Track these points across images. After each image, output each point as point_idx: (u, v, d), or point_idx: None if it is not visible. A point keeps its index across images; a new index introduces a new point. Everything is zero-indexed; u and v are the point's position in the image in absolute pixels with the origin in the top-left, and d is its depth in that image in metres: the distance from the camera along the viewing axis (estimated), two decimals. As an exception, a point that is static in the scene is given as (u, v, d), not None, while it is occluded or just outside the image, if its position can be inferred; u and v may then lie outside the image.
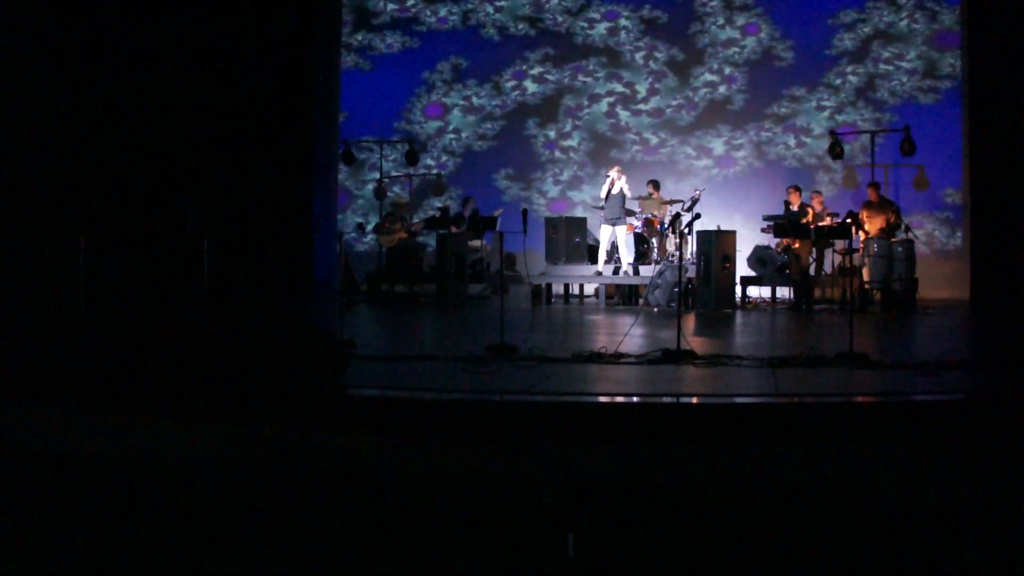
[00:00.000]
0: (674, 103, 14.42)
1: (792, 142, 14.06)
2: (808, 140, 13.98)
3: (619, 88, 14.64)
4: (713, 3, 14.30)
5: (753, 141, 14.16)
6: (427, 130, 15.08)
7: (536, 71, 14.86)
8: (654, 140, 14.48)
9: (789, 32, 14.08)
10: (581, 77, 14.73)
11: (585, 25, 14.72)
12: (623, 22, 14.61)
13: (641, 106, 14.55)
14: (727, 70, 14.27)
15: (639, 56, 14.58)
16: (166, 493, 3.93)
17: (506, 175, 14.88)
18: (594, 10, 14.70)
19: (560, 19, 14.79)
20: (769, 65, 14.12)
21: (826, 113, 13.89)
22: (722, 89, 14.27)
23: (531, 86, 14.87)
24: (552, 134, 14.81)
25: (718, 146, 14.27)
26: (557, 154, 14.80)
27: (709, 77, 14.34)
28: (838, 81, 13.86)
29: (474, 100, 15.03)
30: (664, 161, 14.29)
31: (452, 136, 15.04)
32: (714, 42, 14.30)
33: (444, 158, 15.04)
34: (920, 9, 13.66)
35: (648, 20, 14.52)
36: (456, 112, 15.05)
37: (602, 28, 14.67)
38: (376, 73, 15.23)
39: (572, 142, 14.80)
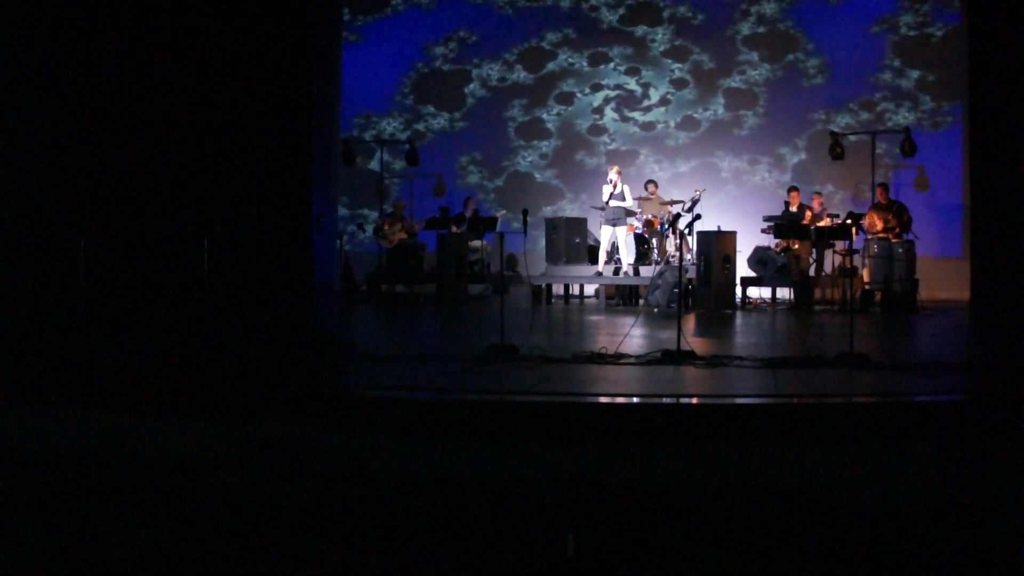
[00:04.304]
0: (676, 119, 14.24)
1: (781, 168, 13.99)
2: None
3: (631, 85, 14.42)
4: (749, 15, 14.04)
5: (738, 168, 14.03)
6: (420, 104, 15.00)
7: (555, 52, 14.60)
8: (634, 151, 14.37)
9: (820, 49, 13.84)
10: (589, 65, 14.52)
11: (606, 11, 14.45)
12: (659, 30, 14.31)
13: (637, 115, 14.41)
14: (745, 88, 14.05)
15: (663, 54, 14.27)
16: (166, 493, 3.92)
17: (472, 160, 14.77)
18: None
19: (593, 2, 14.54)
20: (796, 84, 13.92)
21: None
22: (722, 113, 14.11)
23: (528, 69, 14.65)
24: (528, 118, 14.63)
25: (703, 170, 14.18)
26: (522, 142, 14.67)
27: (719, 103, 14.12)
28: (854, 105, 13.70)
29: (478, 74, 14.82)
30: (633, 175, 13.87)
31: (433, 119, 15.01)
32: (739, 61, 14.05)
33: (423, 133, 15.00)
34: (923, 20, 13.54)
35: (681, 19, 14.20)
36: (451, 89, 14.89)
37: (625, 16, 14.40)
38: (372, 44, 15.06)
39: (542, 137, 14.64)
